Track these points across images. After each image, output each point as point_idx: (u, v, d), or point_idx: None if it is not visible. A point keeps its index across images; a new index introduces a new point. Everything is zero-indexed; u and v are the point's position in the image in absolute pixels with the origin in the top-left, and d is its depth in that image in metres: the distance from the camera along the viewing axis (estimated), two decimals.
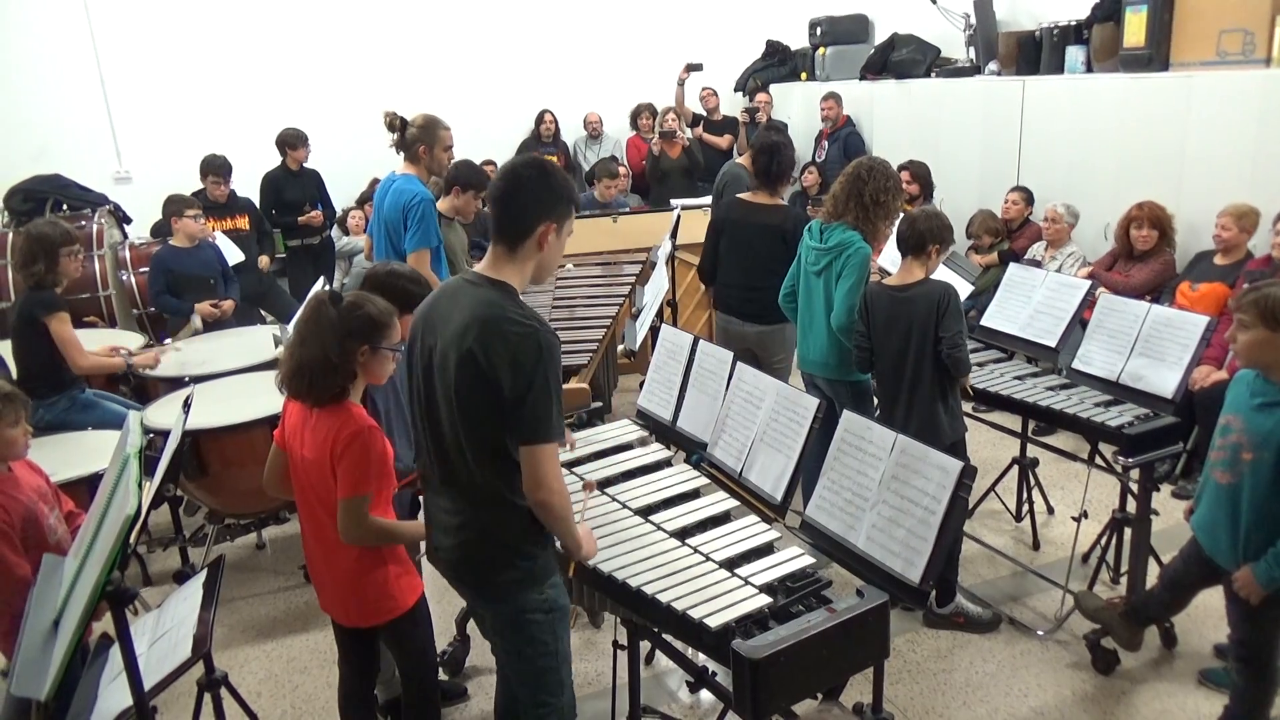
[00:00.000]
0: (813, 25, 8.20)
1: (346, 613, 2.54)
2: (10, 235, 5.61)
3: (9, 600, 2.58)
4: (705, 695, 3.17)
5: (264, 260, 6.32)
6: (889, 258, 4.97)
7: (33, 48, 6.97)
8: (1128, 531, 3.51)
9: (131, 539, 1.88)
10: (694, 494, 2.75)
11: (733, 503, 2.68)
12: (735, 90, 8.75)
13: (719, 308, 4.43)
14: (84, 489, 3.27)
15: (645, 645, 3.08)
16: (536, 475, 2.01)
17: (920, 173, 6.13)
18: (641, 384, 3.42)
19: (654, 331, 3.80)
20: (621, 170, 7.48)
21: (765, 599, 2.17)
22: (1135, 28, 5.14)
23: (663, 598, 2.21)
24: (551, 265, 2.18)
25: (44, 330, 3.86)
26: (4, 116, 6.93)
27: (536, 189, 2.05)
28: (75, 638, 1.88)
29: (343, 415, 2.37)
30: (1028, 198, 5.78)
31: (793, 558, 2.35)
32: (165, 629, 2.44)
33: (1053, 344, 3.76)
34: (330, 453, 2.35)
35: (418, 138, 4.00)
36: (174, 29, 7.30)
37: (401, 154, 4.08)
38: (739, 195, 4.32)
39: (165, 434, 2.95)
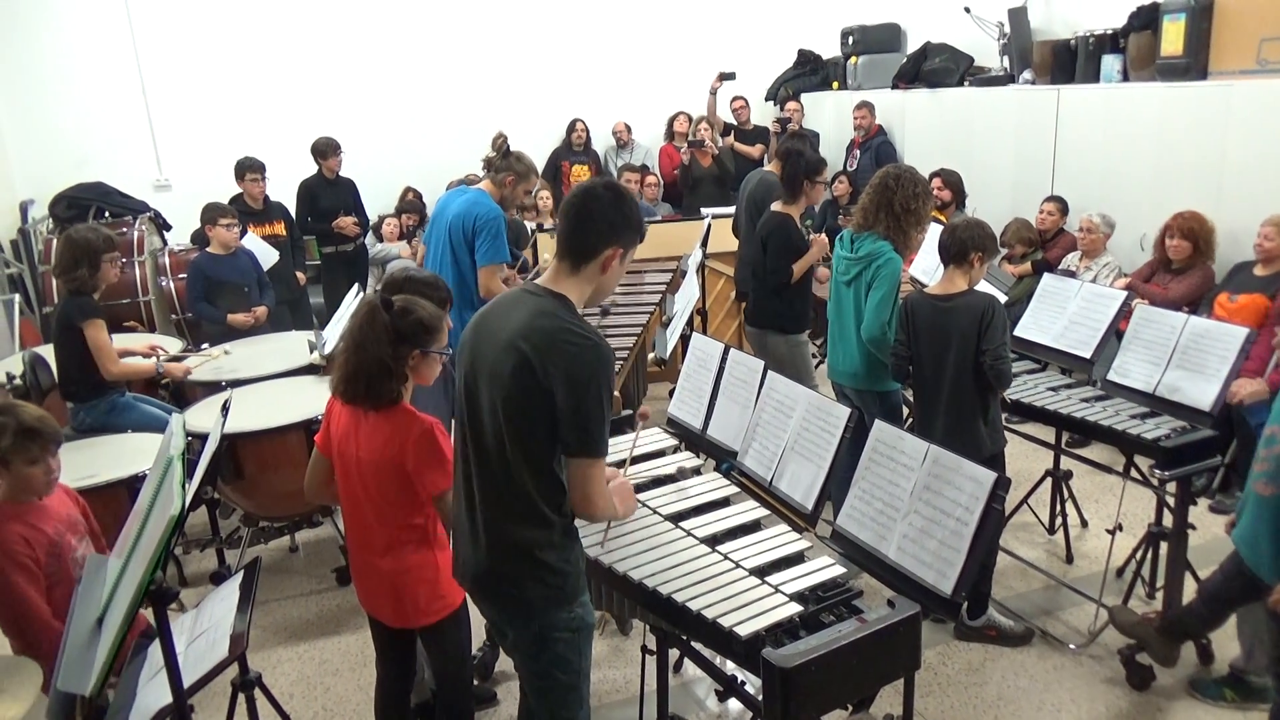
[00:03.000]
0: (845, 34, 8.18)
1: (396, 614, 2.54)
2: (54, 241, 5.74)
3: (38, 636, 2.48)
4: (734, 704, 3.16)
5: (301, 277, 6.39)
6: (920, 267, 4.94)
7: (76, 58, 7.13)
8: (1164, 546, 3.46)
9: (171, 540, 1.91)
10: (724, 502, 2.75)
11: (763, 511, 2.67)
12: (766, 99, 8.75)
13: (748, 320, 4.48)
14: (124, 491, 3.34)
15: (674, 653, 3.08)
16: (584, 491, 2.01)
17: (952, 180, 6.09)
18: (671, 392, 3.43)
19: (684, 340, 3.81)
20: (651, 178, 7.52)
21: (796, 608, 2.17)
22: (1173, 36, 5.08)
23: (692, 605, 2.21)
24: (609, 289, 2.16)
25: (82, 335, 3.91)
26: (49, 126, 7.10)
27: (610, 212, 2.05)
28: (119, 635, 1.91)
29: (405, 417, 2.41)
30: (1062, 207, 5.72)
31: (823, 567, 2.34)
32: (203, 629, 2.48)
33: (1088, 355, 3.73)
34: (400, 454, 2.38)
35: (514, 169, 4.16)
36: (214, 41, 7.44)
37: (487, 172, 4.24)
38: (773, 208, 4.35)
39: (203, 437, 3.00)
